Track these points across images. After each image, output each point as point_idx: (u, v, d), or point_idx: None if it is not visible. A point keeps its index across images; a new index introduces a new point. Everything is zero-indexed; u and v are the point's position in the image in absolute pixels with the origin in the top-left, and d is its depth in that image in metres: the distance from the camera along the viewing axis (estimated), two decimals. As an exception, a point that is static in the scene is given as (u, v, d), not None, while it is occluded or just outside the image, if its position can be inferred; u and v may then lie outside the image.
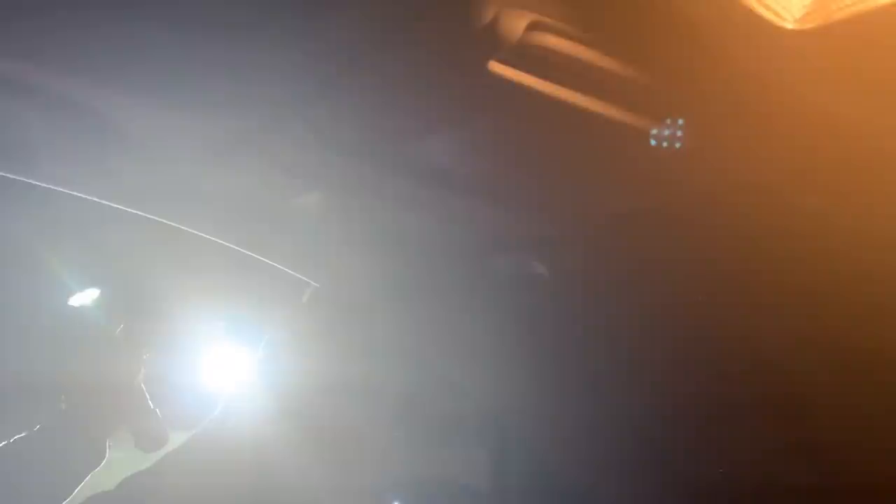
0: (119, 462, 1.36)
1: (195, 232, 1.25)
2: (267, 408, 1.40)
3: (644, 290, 1.21)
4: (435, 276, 1.34)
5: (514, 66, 0.86)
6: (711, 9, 0.75)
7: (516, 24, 0.82)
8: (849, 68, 0.75)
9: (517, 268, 1.32)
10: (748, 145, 0.88)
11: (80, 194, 1.17)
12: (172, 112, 1.07)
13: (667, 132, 0.87)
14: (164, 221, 1.23)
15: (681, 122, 0.85)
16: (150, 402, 1.40)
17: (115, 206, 1.20)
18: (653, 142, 0.86)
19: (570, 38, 0.82)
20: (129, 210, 1.21)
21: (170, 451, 1.34)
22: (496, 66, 0.87)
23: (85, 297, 1.45)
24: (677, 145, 0.86)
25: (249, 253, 1.29)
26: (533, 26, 0.82)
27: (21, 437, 1.29)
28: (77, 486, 1.31)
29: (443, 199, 1.16)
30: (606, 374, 1.30)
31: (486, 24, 0.82)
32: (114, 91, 1.05)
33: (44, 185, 1.15)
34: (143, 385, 1.40)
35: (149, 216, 1.22)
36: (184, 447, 1.37)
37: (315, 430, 1.35)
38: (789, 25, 0.73)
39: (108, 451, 1.35)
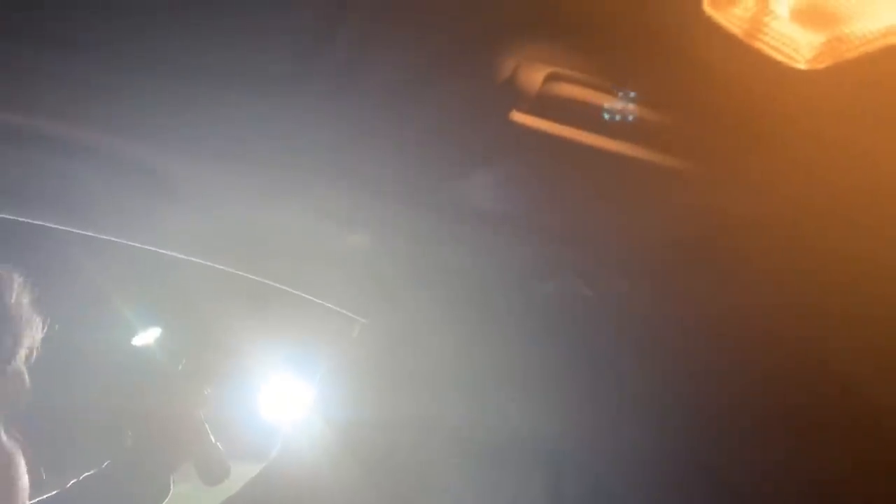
0: (184, 497, 1.41)
1: (245, 274, 1.30)
2: (324, 439, 1.43)
3: (694, 317, 1.21)
4: (481, 309, 1.36)
5: (537, 113, 0.89)
6: (727, 54, 0.76)
7: (535, 76, 0.85)
8: (862, 104, 0.76)
9: (563, 297, 1.33)
10: (769, 180, 0.89)
11: (134, 244, 1.23)
12: (219, 163, 1.12)
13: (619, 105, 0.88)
14: (216, 266, 1.28)
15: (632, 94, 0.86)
16: (211, 436, 1.45)
17: (170, 252, 1.26)
18: (606, 115, 0.87)
19: (589, 85, 0.85)
20: (182, 256, 1.26)
21: (237, 491, 1.38)
22: (518, 116, 0.90)
23: (147, 338, 1.52)
24: (630, 118, 0.87)
25: (298, 293, 1.33)
26: (551, 77, 0.85)
27: (90, 475, 1.35)
28: (144, 522, 1.37)
29: (481, 235, 1.19)
30: (662, 401, 1.30)
31: (507, 77, 0.85)
32: (165, 147, 1.10)
33: (100, 236, 1.22)
34: (204, 420, 1.45)
35: (202, 262, 1.27)
36: (251, 483, 1.41)
37: (371, 460, 1.38)
38: (801, 66, 0.74)
39: (172, 485, 1.40)
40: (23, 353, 1.04)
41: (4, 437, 0.99)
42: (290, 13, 0.86)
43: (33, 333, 1.07)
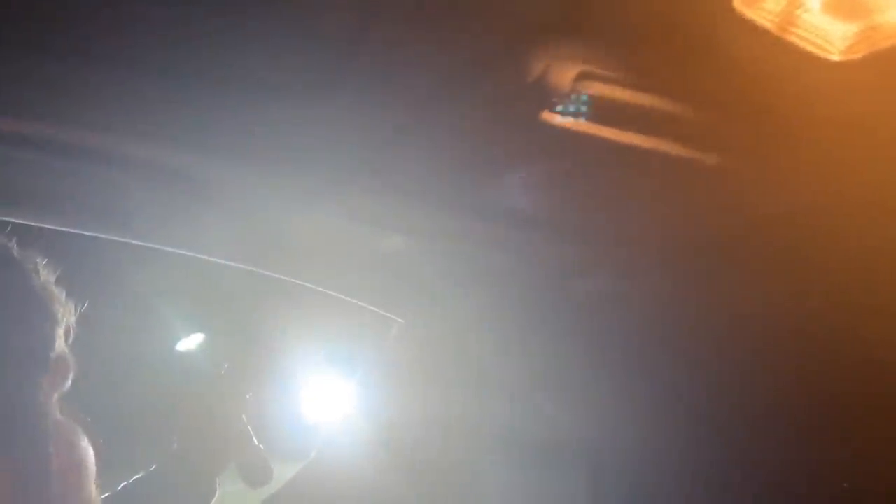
0: (229, 498, 1.43)
1: (283, 277, 1.32)
2: (364, 438, 1.45)
3: (735, 315, 1.20)
4: (518, 308, 1.36)
5: (567, 114, 0.90)
6: (759, 50, 0.76)
7: (567, 76, 0.86)
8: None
9: (601, 296, 1.33)
10: (803, 174, 0.89)
11: (175, 250, 1.25)
12: (255, 169, 1.14)
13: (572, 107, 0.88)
14: (255, 270, 1.30)
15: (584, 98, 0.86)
16: (254, 439, 1.47)
17: (209, 258, 1.28)
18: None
19: (620, 83, 0.85)
20: (221, 261, 1.28)
21: (277, 490, 1.40)
22: (552, 116, 0.90)
23: (190, 343, 1.55)
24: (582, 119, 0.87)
25: (336, 294, 1.35)
26: (582, 76, 0.86)
27: (139, 478, 1.38)
28: (191, 524, 1.39)
29: (517, 235, 1.19)
30: (703, 401, 1.29)
31: (540, 77, 0.86)
32: (202, 155, 1.12)
33: (143, 244, 1.24)
34: (247, 422, 1.47)
35: (240, 266, 1.29)
36: (291, 482, 1.43)
37: (409, 459, 1.39)
38: (835, 58, 0.74)
39: (218, 487, 1.42)
40: (61, 331, 1.02)
41: (60, 416, 0.99)
42: (320, 22, 0.87)
43: (66, 312, 1.05)
